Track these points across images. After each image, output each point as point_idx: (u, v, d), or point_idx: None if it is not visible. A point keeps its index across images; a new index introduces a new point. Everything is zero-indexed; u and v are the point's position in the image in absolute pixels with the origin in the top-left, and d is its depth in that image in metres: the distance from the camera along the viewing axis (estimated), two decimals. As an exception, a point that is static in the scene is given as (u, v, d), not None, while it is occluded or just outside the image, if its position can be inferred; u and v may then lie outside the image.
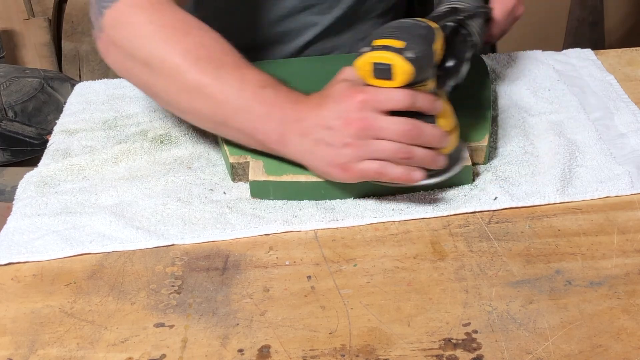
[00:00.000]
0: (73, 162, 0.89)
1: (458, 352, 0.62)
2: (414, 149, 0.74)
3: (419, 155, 0.74)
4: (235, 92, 0.78)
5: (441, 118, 0.76)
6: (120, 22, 0.81)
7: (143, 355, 0.64)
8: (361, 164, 0.74)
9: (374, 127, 0.73)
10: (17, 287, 0.73)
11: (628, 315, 0.65)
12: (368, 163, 0.74)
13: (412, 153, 0.74)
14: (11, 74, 1.92)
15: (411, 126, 0.73)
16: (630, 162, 0.83)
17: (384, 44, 0.72)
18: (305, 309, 0.68)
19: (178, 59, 0.79)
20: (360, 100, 0.73)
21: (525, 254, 0.72)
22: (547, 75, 1.01)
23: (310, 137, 0.76)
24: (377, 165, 0.74)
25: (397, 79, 0.72)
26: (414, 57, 0.71)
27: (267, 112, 0.77)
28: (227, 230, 0.77)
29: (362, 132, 0.73)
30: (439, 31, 0.76)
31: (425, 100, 0.74)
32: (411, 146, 0.74)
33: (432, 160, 0.75)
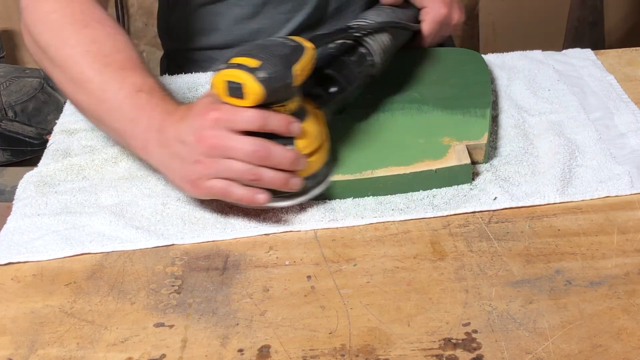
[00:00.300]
0: (73, 162, 0.89)
1: (458, 352, 0.62)
2: (262, 171, 0.73)
3: (267, 177, 0.74)
4: (112, 92, 0.79)
5: (301, 139, 0.75)
6: (30, 7, 0.86)
7: (143, 355, 0.64)
8: (209, 181, 0.74)
9: (224, 146, 0.72)
10: (17, 287, 0.73)
11: (628, 315, 0.65)
12: (215, 181, 0.74)
13: (259, 175, 0.73)
14: (11, 73, 1.92)
15: (259, 147, 0.72)
16: (630, 162, 0.83)
17: (240, 62, 0.71)
18: (305, 308, 0.68)
19: (68, 51, 0.82)
20: (213, 118, 0.73)
21: (525, 254, 0.72)
22: (547, 75, 1.01)
23: (168, 150, 0.76)
24: (223, 184, 0.74)
25: (248, 99, 0.71)
26: (266, 77, 0.70)
27: (136, 116, 0.78)
28: (227, 230, 0.77)
29: (212, 150, 0.73)
30: (309, 51, 0.75)
31: (279, 122, 0.73)
32: (260, 167, 0.73)
33: (282, 183, 0.74)
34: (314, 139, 0.77)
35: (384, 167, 0.81)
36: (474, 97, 0.91)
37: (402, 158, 0.82)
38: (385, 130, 0.87)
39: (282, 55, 0.73)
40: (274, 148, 0.73)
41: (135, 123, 0.78)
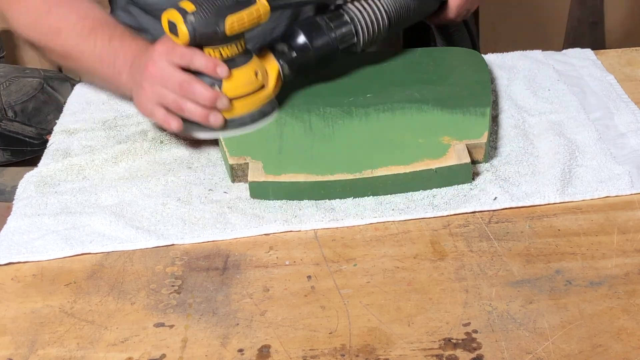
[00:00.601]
0: (73, 162, 0.89)
1: (458, 352, 0.62)
2: (185, 102, 0.83)
3: (188, 108, 0.83)
4: (90, 51, 0.92)
5: (228, 82, 0.84)
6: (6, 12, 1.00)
7: (143, 355, 0.64)
8: (151, 106, 0.85)
9: (159, 76, 0.83)
10: (17, 287, 0.73)
11: (628, 315, 0.65)
12: (155, 107, 0.84)
13: (181, 106, 0.83)
14: (11, 73, 1.92)
15: (183, 80, 0.82)
16: (630, 162, 0.83)
17: (183, 5, 0.81)
18: (305, 308, 0.68)
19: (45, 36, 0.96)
20: (158, 50, 0.84)
21: (525, 254, 0.72)
22: (547, 75, 1.01)
23: (133, 77, 0.88)
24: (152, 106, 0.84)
25: (179, 38, 0.81)
26: (193, 21, 0.80)
27: (112, 60, 0.90)
28: (227, 230, 0.77)
29: (152, 78, 0.83)
30: (257, 7, 0.82)
31: (205, 63, 0.82)
32: (184, 99, 0.82)
33: (201, 117, 0.83)
34: (244, 85, 0.85)
35: (384, 167, 0.81)
36: (473, 97, 0.91)
37: (402, 157, 0.82)
38: (385, 129, 0.87)
39: (221, 5, 0.81)
40: (196, 84, 0.82)
41: (113, 65, 0.91)
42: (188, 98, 0.82)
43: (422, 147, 0.83)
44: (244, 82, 0.85)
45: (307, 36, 0.90)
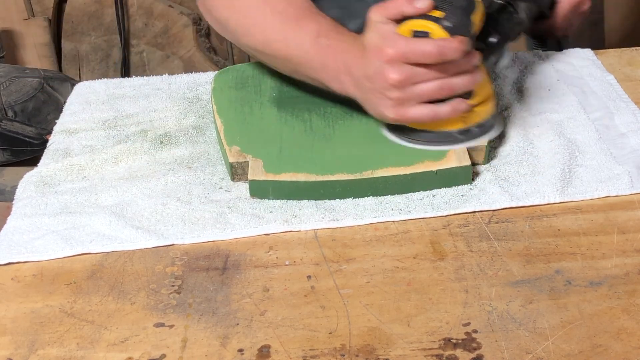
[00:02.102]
0: (73, 162, 0.89)
1: (458, 352, 0.62)
2: (451, 80, 0.77)
3: (458, 83, 0.78)
4: (296, 46, 0.85)
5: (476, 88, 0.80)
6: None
7: (143, 355, 0.64)
8: (412, 109, 0.79)
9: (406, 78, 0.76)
10: (17, 287, 0.73)
11: (628, 315, 0.65)
12: (419, 108, 0.79)
13: (451, 84, 0.77)
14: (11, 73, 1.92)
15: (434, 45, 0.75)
16: (630, 162, 0.83)
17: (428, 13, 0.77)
18: (305, 308, 0.68)
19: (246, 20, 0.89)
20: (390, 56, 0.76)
21: (525, 254, 0.72)
22: (547, 75, 1.01)
23: (360, 88, 0.81)
24: (428, 109, 0.79)
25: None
26: (451, 26, 0.76)
27: (323, 62, 0.83)
28: (226, 230, 0.77)
29: (398, 84, 0.77)
30: (480, 4, 0.79)
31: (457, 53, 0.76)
32: (448, 79, 0.77)
33: (473, 81, 0.79)
34: (484, 88, 0.82)
35: (384, 167, 0.81)
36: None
37: (403, 159, 0.82)
38: (386, 131, 0.87)
39: (462, 6, 0.78)
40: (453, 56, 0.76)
41: (324, 68, 0.84)
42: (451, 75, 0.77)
43: (423, 149, 0.83)
44: (487, 82, 0.83)
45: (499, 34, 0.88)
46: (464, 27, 0.77)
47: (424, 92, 0.78)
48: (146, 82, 1.07)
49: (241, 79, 0.98)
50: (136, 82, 1.07)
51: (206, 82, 1.05)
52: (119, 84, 1.06)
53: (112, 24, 2.44)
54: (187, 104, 1.00)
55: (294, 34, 0.85)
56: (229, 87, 0.97)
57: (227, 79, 0.98)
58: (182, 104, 1.00)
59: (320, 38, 0.84)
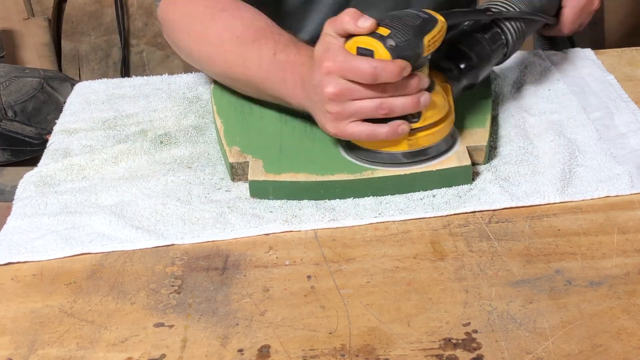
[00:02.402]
0: (73, 162, 0.89)
1: (458, 352, 0.62)
2: (391, 100, 0.76)
3: (398, 104, 0.76)
4: (256, 67, 0.85)
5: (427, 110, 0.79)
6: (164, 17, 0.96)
7: (143, 355, 0.64)
8: (349, 126, 0.77)
9: (344, 93, 0.75)
10: (16, 287, 0.73)
11: (628, 315, 0.65)
12: (355, 126, 0.77)
13: (390, 105, 0.76)
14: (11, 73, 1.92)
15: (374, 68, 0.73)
16: (630, 162, 0.83)
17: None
18: (305, 308, 0.68)
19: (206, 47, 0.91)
20: (327, 68, 0.75)
21: (525, 254, 0.72)
22: (547, 75, 1.01)
23: (310, 100, 0.80)
24: (366, 128, 0.77)
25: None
26: (394, 45, 0.74)
27: (282, 78, 0.83)
28: (226, 230, 0.77)
29: (336, 98, 0.76)
30: (441, 24, 0.77)
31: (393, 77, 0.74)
32: (388, 99, 0.75)
33: (413, 104, 0.76)
34: (440, 109, 0.80)
35: (384, 167, 0.81)
36: (474, 99, 0.91)
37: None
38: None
39: (413, 25, 0.75)
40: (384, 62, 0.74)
41: (284, 83, 0.84)
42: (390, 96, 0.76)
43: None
44: (440, 106, 0.80)
45: (473, 54, 0.86)
46: (409, 48, 0.74)
47: (361, 109, 0.76)
48: (146, 82, 1.07)
49: (241, 78, 0.98)
50: (136, 82, 1.07)
51: (206, 82, 1.05)
52: (119, 84, 1.06)
53: (112, 24, 2.44)
54: (187, 103, 1.00)
55: (252, 55, 0.85)
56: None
57: (227, 78, 0.98)
58: (182, 104, 1.00)
59: (278, 54, 0.84)
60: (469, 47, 0.87)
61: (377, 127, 0.77)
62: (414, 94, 0.77)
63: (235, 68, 0.88)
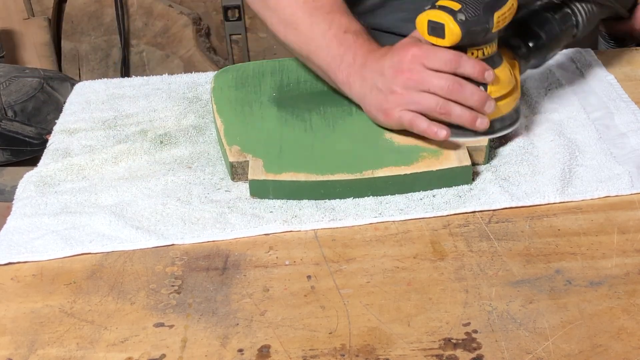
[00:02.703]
0: (73, 162, 0.89)
1: (458, 352, 0.62)
2: (452, 106, 0.79)
3: (456, 113, 0.80)
4: (321, 32, 0.87)
5: (492, 85, 0.81)
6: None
7: (143, 355, 0.64)
8: (400, 112, 0.81)
9: (419, 80, 0.79)
10: (16, 287, 0.73)
11: (628, 315, 0.65)
12: (405, 112, 0.81)
13: (449, 110, 0.80)
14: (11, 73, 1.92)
15: (453, 82, 0.79)
16: (630, 162, 0.83)
17: (444, 4, 0.77)
18: (305, 308, 0.68)
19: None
20: (412, 54, 0.80)
21: (525, 254, 0.72)
22: (547, 75, 1.01)
23: (368, 82, 0.83)
24: (411, 116, 0.81)
25: (447, 39, 0.78)
26: (464, 20, 0.76)
27: (342, 53, 0.86)
28: (226, 230, 0.77)
29: (408, 82, 0.80)
30: (512, 2, 0.79)
31: (472, 68, 0.79)
32: (450, 103, 0.79)
33: (470, 121, 0.80)
34: (505, 85, 0.82)
35: (384, 167, 0.81)
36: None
37: (403, 158, 0.82)
38: (386, 130, 0.87)
39: (484, 1, 0.78)
40: (467, 85, 0.79)
41: (340, 59, 0.86)
42: (455, 101, 0.79)
43: (422, 149, 0.83)
44: (505, 82, 0.82)
45: (542, 32, 0.87)
46: (478, 23, 0.77)
47: (423, 100, 0.80)
48: (146, 82, 1.07)
49: (241, 78, 0.98)
50: (136, 82, 1.07)
51: (206, 81, 1.05)
52: (119, 84, 1.06)
53: (112, 24, 2.44)
54: (187, 103, 1.00)
55: (321, 22, 0.87)
56: (229, 87, 0.97)
57: (227, 78, 0.98)
58: (182, 104, 1.00)
59: (348, 34, 0.86)
60: (539, 26, 0.88)
61: (421, 119, 0.80)
62: (477, 108, 0.80)
63: (299, 25, 0.89)
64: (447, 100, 0.79)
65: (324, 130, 0.88)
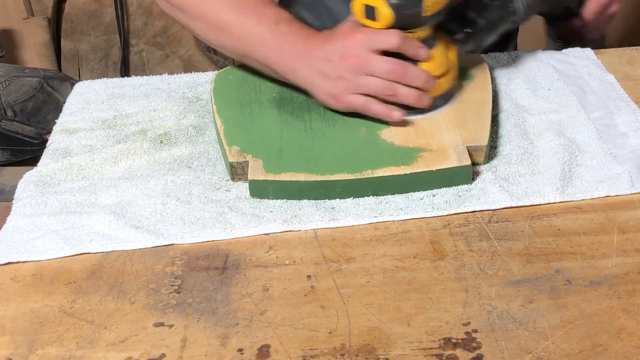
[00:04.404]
0: (72, 162, 0.89)
1: (458, 352, 0.62)
2: (398, 87, 0.83)
3: (403, 93, 0.84)
4: (252, 29, 0.88)
5: (429, 63, 0.85)
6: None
7: (142, 354, 0.64)
8: (350, 96, 0.84)
9: (365, 64, 0.82)
10: (16, 286, 0.73)
11: (628, 315, 0.65)
12: (356, 96, 0.84)
13: (395, 90, 0.83)
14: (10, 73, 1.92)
15: (397, 65, 0.82)
16: (630, 162, 0.83)
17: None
18: (305, 308, 0.68)
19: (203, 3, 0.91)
20: (357, 39, 0.82)
21: (525, 254, 0.72)
22: (547, 75, 1.01)
23: (314, 68, 0.85)
24: (363, 99, 0.84)
25: (379, 21, 0.81)
26: (396, 3, 0.80)
27: (279, 45, 0.87)
28: (226, 230, 0.77)
29: (355, 67, 0.82)
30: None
31: (410, 46, 0.83)
32: (396, 84, 0.83)
33: (416, 99, 0.85)
34: (441, 64, 0.86)
35: (384, 167, 0.81)
36: (474, 98, 0.91)
37: (402, 158, 0.82)
38: (386, 130, 0.87)
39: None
40: (410, 67, 0.83)
41: (279, 51, 0.87)
42: (401, 82, 0.83)
43: (422, 148, 0.83)
44: (440, 62, 0.86)
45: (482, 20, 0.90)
46: (409, 6, 0.80)
47: (370, 84, 0.83)
48: (146, 81, 1.07)
49: (241, 79, 0.98)
50: (136, 82, 1.07)
51: (206, 81, 1.05)
52: (119, 84, 1.06)
53: (111, 24, 2.44)
54: (186, 103, 1.00)
55: (251, 19, 0.88)
56: (229, 87, 0.97)
57: (227, 78, 0.98)
58: (181, 104, 1.00)
59: (280, 25, 0.87)
60: (476, 12, 0.90)
61: (373, 102, 0.84)
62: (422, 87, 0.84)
63: (230, 28, 0.90)
64: (393, 82, 0.83)
65: (323, 130, 0.88)
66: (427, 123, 0.87)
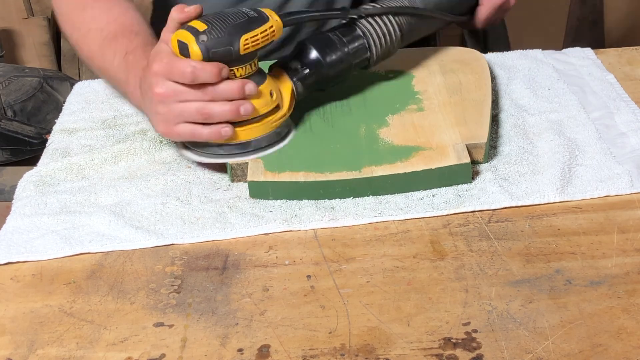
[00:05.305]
0: (72, 162, 0.89)
1: (458, 352, 0.62)
2: (211, 106, 0.78)
3: (217, 110, 0.79)
4: (110, 62, 0.90)
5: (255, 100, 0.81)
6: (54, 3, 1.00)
7: (142, 354, 0.64)
8: (176, 127, 0.80)
9: (170, 94, 0.79)
10: (16, 286, 0.73)
11: (628, 315, 0.65)
12: (182, 126, 0.80)
13: (209, 110, 0.79)
14: (10, 73, 1.92)
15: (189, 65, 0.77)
16: (630, 162, 0.83)
17: (193, 25, 0.78)
18: (305, 308, 0.67)
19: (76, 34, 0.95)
20: (155, 72, 0.79)
21: (525, 253, 0.72)
22: (547, 75, 1.01)
23: (144, 102, 0.84)
24: (189, 127, 0.80)
25: (192, 59, 0.77)
26: (205, 40, 0.77)
27: (127, 78, 0.88)
28: (226, 230, 0.77)
29: (163, 98, 0.79)
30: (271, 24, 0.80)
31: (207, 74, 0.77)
32: (210, 104, 0.78)
33: (233, 112, 0.79)
34: (260, 106, 0.81)
35: (383, 166, 0.81)
36: (474, 97, 0.91)
37: (402, 157, 0.82)
38: (385, 129, 0.87)
39: (233, 23, 0.78)
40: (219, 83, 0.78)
41: (128, 83, 0.88)
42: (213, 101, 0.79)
43: (422, 147, 0.83)
44: (260, 103, 0.81)
45: (319, 52, 0.86)
46: (220, 45, 0.77)
47: (184, 111, 0.79)
48: (146, 81, 1.06)
49: (241, 78, 0.98)
50: (136, 82, 1.06)
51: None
52: (119, 84, 1.06)
53: (111, 24, 2.43)
54: (186, 103, 1.00)
55: (109, 50, 0.90)
56: (229, 86, 0.96)
57: (227, 78, 0.98)
58: (181, 104, 1.00)
59: (129, 55, 0.87)
60: (319, 49, 0.87)
61: (200, 128, 0.80)
62: (237, 100, 0.79)
63: (96, 60, 0.93)
64: (206, 102, 0.79)
65: (323, 130, 0.88)
66: (426, 122, 0.87)
